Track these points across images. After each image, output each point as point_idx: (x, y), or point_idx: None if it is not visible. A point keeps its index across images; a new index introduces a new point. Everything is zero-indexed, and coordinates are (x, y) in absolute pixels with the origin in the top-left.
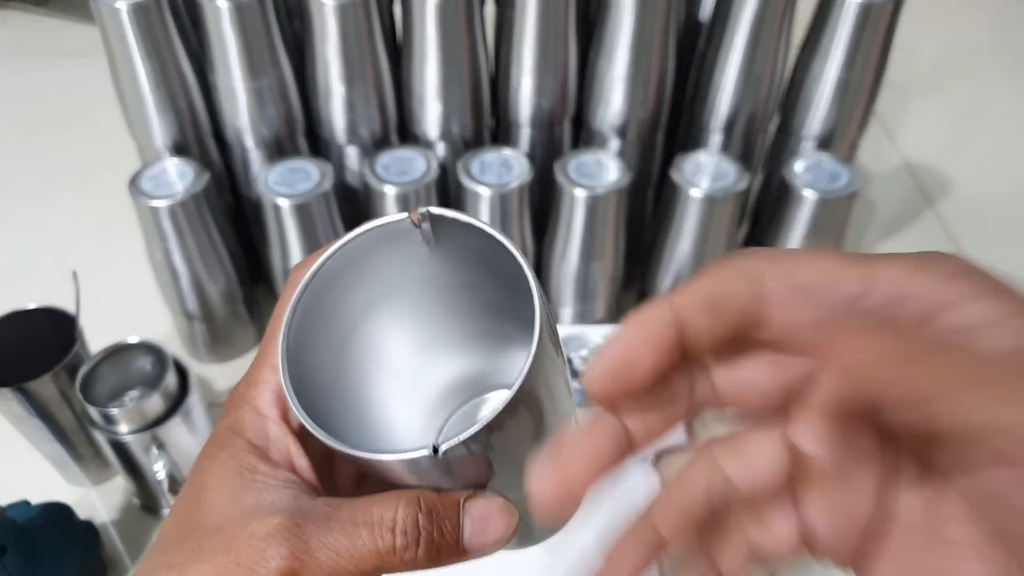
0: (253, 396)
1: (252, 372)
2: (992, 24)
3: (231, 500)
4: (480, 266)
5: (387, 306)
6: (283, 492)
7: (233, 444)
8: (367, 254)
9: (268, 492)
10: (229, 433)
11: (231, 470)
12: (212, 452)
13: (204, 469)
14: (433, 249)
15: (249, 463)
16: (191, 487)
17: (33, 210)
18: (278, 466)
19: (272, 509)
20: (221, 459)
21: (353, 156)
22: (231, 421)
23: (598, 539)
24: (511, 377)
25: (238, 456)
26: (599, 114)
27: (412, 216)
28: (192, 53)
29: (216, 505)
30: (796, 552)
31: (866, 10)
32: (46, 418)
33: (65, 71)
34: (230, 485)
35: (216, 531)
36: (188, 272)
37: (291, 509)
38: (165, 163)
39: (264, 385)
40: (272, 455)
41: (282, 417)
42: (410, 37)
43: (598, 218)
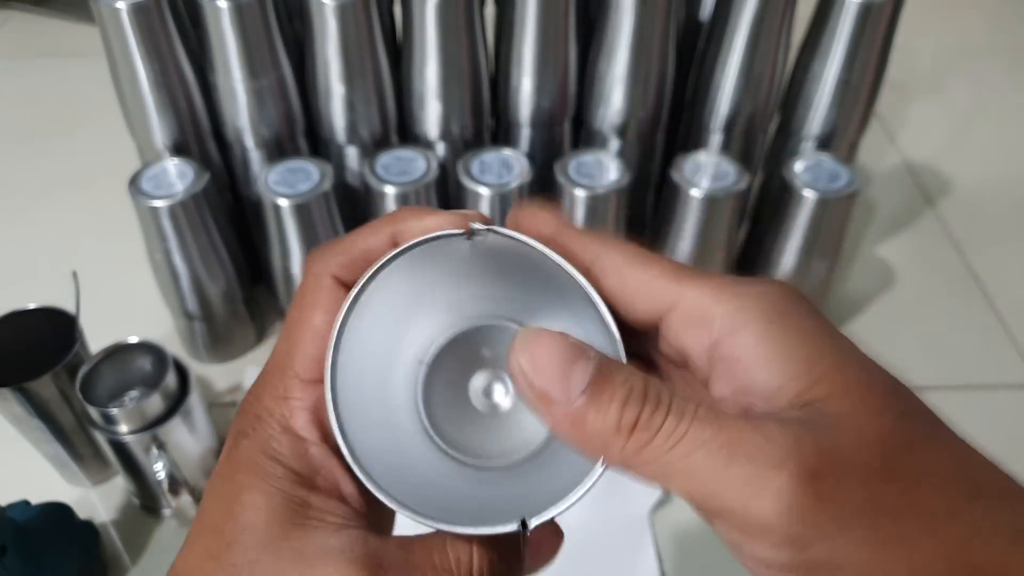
0: (284, 415)
1: (276, 383)
2: (992, 24)
3: (286, 540)
4: (516, 260)
5: (420, 310)
6: (348, 533)
7: (274, 474)
8: (405, 263)
9: (330, 533)
10: (265, 459)
11: (280, 506)
12: (249, 481)
13: (243, 502)
14: (476, 255)
15: (299, 497)
16: (226, 519)
17: (33, 210)
18: (329, 497)
19: (344, 557)
20: (266, 492)
21: (353, 156)
22: (262, 444)
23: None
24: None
25: (285, 489)
26: (599, 114)
27: (466, 231)
28: (192, 53)
29: (270, 547)
30: None
31: (866, 10)
32: (46, 418)
33: (65, 71)
34: (282, 524)
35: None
36: (188, 272)
37: (367, 556)
38: (165, 163)
39: (297, 402)
40: (318, 483)
41: (322, 439)
42: (410, 37)
43: (598, 218)
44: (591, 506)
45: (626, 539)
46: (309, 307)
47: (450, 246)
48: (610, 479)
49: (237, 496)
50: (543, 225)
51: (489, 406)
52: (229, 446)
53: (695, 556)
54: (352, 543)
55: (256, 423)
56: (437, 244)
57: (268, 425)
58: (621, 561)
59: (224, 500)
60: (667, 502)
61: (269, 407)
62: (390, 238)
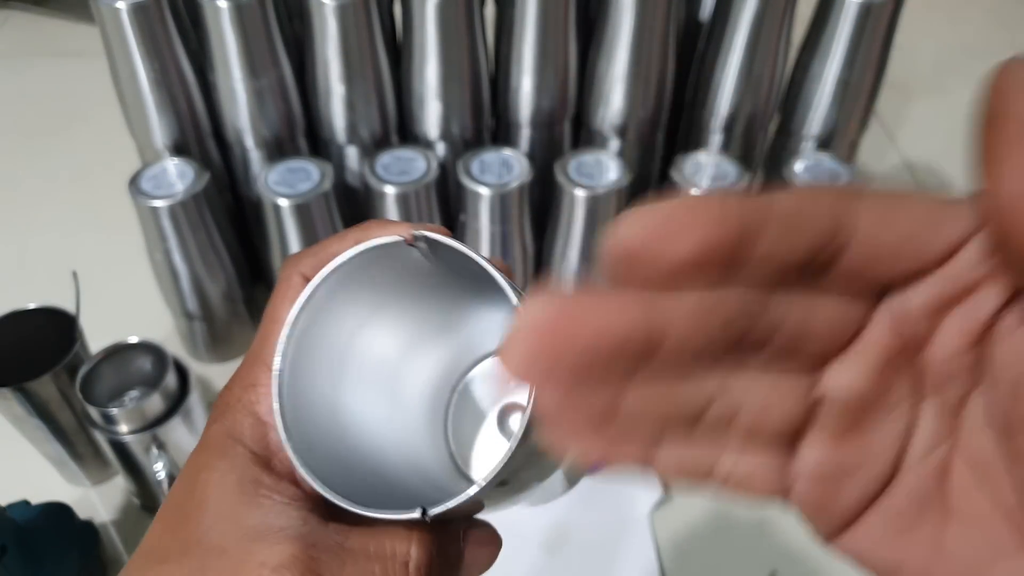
0: (251, 400)
1: (246, 373)
2: (993, 24)
3: (233, 517)
4: (468, 275)
5: (382, 315)
6: (291, 513)
7: (233, 453)
8: (361, 268)
9: (275, 512)
10: (227, 440)
11: (232, 483)
12: (209, 460)
13: (202, 480)
14: (431, 262)
15: (252, 475)
16: (187, 496)
17: (33, 210)
18: (281, 478)
19: (283, 535)
20: (222, 470)
21: (353, 156)
22: (228, 427)
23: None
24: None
25: (240, 467)
26: (599, 114)
27: (407, 238)
28: (192, 53)
29: (217, 522)
30: (766, 491)
31: (866, 10)
32: (46, 418)
33: (65, 71)
34: (231, 500)
35: (220, 553)
36: (188, 272)
37: (303, 537)
38: (165, 163)
39: (263, 389)
40: (274, 465)
41: None
42: (410, 37)
43: (598, 218)
44: (591, 506)
45: (626, 539)
46: (279, 303)
47: (406, 257)
48: (611, 482)
49: (197, 475)
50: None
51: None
52: (202, 434)
53: (695, 556)
54: (291, 522)
55: (225, 409)
56: (386, 249)
57: (235, 410)
58: (621, 561)
59: (187, 479)
60: (667, 502)
61: (238, 395)
62: (355, 243)
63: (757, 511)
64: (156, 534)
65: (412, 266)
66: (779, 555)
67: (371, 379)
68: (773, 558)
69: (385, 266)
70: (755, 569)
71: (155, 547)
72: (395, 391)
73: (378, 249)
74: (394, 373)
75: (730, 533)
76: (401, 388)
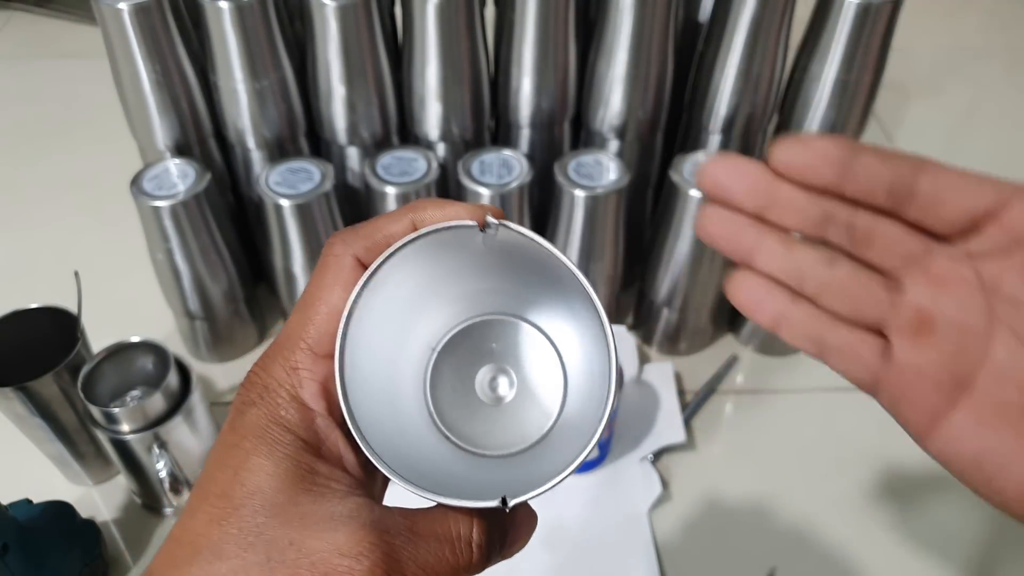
0: (294, 384)
1: (286, 355)
2: (990, 25)
3: (295, 507)
4: (522, 256)
5: (430, 298)
6: (353, 500)
7: (284, 440)
8: (417, 250)
9: (336, 500)
10: (274, 426)
11: (288, 471)
12: (257, 447)
13: (251, 467)
14: (490, 247)
15: (307, 463)
16: (234, 485)
17: (35, 210)
18: (334, 466)
19: (354, 523)
20: (275, 457)
21: (354, 156)
22: (270, 412)
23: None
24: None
25: (293, 455)
26: (599, 115)
27: (480, 223)
28: (193, 54)
29: (277, 513)
30: None
31: (864, 11)
32: (48, 417)
33: (67, 72)
34: (290, 490)
35: (287, 545)
36: (190, 272)
37: (374, 523)
38: (167, 163)
39: (306, 373)
40: (324, 452)
41: (328, 411)
42: (410, 38)
43: (598, 218)
44: (591, 506)
45: (626, 539)
46: (329, 285)
47: (463, 238)
48: (610, 479)
49: (244, 462)
50: (825, 157)
51: (493, 398)
52: (233, 416)
53: (695, 555)
54: (359, 510)
55: (264, 392)
56: (451, 233)
57: (277, 394)
58: (621, 561)
59: (230, 466)
60: (667, 502)
61: (279, 377)
62: (411, 225)
63: (756, 511)
64: (200, 524)
65: (467, 247)
66: (778, 554)
67: (413, 361)
68: (772, 557)
69: (436, 247)
70: (754, 568)
71: (200, 541)
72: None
73: (442, 232)
74: (428, 343)
75: (729, 532)
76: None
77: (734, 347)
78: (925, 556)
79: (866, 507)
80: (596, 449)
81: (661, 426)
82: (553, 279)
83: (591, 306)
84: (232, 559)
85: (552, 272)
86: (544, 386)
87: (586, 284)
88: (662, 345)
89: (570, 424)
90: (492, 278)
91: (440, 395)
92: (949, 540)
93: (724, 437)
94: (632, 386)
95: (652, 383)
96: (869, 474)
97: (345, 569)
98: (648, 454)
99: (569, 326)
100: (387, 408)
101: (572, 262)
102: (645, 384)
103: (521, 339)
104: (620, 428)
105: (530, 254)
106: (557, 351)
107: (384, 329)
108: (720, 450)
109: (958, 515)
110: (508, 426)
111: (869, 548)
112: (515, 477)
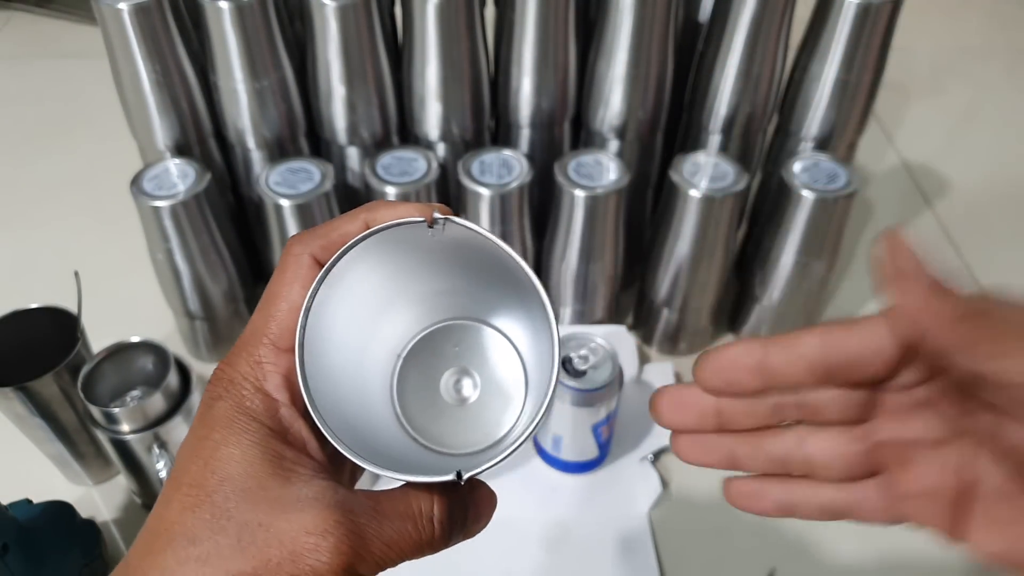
0: (258, 377)
1: (251, 351)
2: (990, 25)
3: (264, 491)
4: (478, 254)
5: (386, 293)
6: (319, 483)
7: (251, 429)
8: (370, 248)
9: (303, 483)
10: (241, 416)
11: (256, 457)
12: (226, 437)
13: (222, 456)
14: (440, 243)
15: (275, 449)
16: (205, 474)
17: (35, 210)
18: (299, 451)
19: (320, 504)
20: (243, 445)
21: (354, 157)
22: (236, 403)
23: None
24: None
25: (261, 442)
26: (599, 115)
27: (428, 219)
28: (194, 54)
29: (247, 497)
30: (890, 518)
31: (864, 10)
32: (48, 417)
33: (67, 72)
34: (259, 475)
35: (256, 527)
36: (190, 272)
37: (339, 504)
38: (167, 163)
39: (269, 366)
40: (290, 439)
41: (292, 401)
42: (410, 38)
43: (598, 218)
44: (591, 506)
45: (626, 539)
46: (288, 282)
47: (416, 236)
48: (610, 479)
49: (215, 452)
50: (739, 368)
51: (458, 399)
52: (202, 411)
53: (695, 555)
54: (324, 492)
55: (230, 386)
56: (404, 231)
57: (242, 387)
58: (621, 561)
59: (201, 457)
60: (667, 502)
61: (244, 371)
62: (364, 225)
63: None
64: (174, 512)
65: (422, 246)
66: (778, 554)
67: (379, 365)
68: (772, 557)
69: (393, 246)
70: (754, 568)
71: (175, 528)
72: (382, 362)
73: (393, 229)
74: (392, 347)
75: (729, 532)
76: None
77: None
78: (925, 556)
79: None
80: (596, 449)
81: None
82: (506, 273)
83: (538, 296)
84: (205, 543)
85: (504, 267)
86: (506, 385)
87: (529, 271)
88: (662, 345)
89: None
90: (450, 278)
91: (407, 398)
92: None
93: None
94: (632, 386)
95: (652, 383)
96: None
97: (312, 546)
98: (648, 454)
99: (526, 320)
100: (354, 406)
101: (516, 252)
102: (645, 384)
103: (482, 341)
104: (620, 428)
105: (484, 251)
106: (517, 350)
107: (346, 326)
108: None
109: None
110: (475, 425)
111: (869, 548)
112: (475, 463)
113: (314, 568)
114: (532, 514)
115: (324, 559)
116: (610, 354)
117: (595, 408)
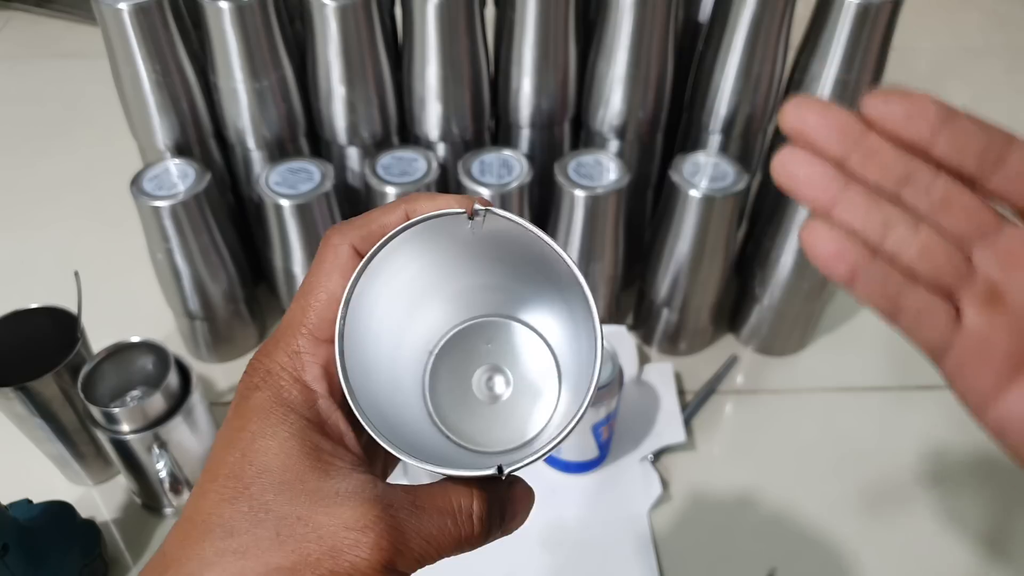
0: (296, 368)
1: (288, 340)
2: (990, 25)
3: (303, 484)
4: (516, 248)
5: (432, 292)
6: (357, 476)
7: (290, 420)
8: (409, 240)
9: (342, 476)
10: (279, 407)
11: (295, 449)
12: (264, 428)
13: (260, 447)
14: (478, 234)
15: (313, 441)
16: (243, 465)
17: (35, 210)
18: (337, 444)
19: (359, 498)
20: (282, 437)
21: (354, 157)
22: (274, 394)
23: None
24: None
25: (300, 434)
26: (599, 115)
27: (468, 211)
28: (194, 54)
29: (285, 490)
30: None
31: (864, 10)
32: (48, 417)
33: (67, 72)
34: (298, 467)
35: (295, 520)
36: (190, 272)
37: (378, 498)
38: (167, 163)
39: (308, 357)
40: (327, 431)
41: (330, 392)
42: (411, 38)
43: (598, 218)
44: (591, 506)
45: (626, 539)
46: (327, 272)
47: (455, 228)
48: (610, 479)
49: (252, 443)
50: (923, 112)
51: (490, 397)
52: (237, 401)
53: (694, 555)
54: (363, 486)
55: (267, 376)
56: (443, 223)
57: (280, 378)
58: (621, 561)
59: (238, 448)
60: (667, 502)
61: (282, 362)
62: (404, 216)
63: (756, 511)
64: (210, 504)
65: (458, 239)
66: (778, 555)
67: (412, 361)
68: (772, 557)
69: (431, 239)
70: (754, 568)
71: (212, 520)
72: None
73: (432, 221)
74: (425, 343)
75: (729, 533)
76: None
77: (734, 347)
78: (925, 556)
79: (866, 507)
80: (596, 449)
81: (661, 426)
82: (544, 267)
83: (580, 290)
84: (243, 535)
85: (543, 260)
86: (539, 383)
87: (572, 265)
88: (662, 345)
89: (567, 416)
90: (486, 273)
91: (439, 396)
92: (949, 540)
93: (724, 437)
94: (632, 386)
95: (652, 383)
96: (869, 474)
97: (352, 542)
98: (648, 454)
99: (562, 317)
100: (388, 401)
101: (560, 246)
102: (645, 384)
103: (515, 338)
104: (620, 428)
105: (522, 243)
106: (550, 347)
107: (382, 319)
108: (720, 450)
109: (958, 515)
110: (507, 423)
111: (869, 548)
112: (511, 459)
113: (354, 564)
114: (532, 514)
115: (364, 555)
116: (610, 354)
117: (595, 408)
